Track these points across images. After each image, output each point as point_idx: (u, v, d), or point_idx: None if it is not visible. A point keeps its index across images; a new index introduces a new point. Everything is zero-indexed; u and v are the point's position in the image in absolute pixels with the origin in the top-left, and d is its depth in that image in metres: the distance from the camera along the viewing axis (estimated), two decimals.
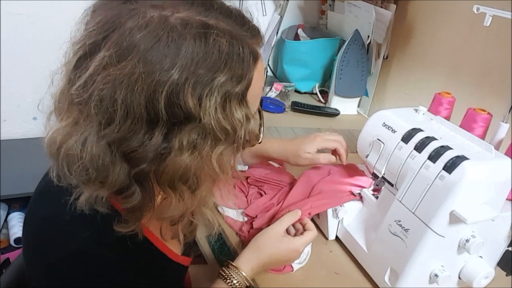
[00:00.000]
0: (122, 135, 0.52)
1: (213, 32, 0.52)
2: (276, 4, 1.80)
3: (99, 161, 0.53)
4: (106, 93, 0.50)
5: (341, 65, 1.62)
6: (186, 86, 0.51)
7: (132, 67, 0.50)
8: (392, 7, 1.51)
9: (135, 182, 0.56)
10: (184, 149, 0.54)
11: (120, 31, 0.51)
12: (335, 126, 1.55)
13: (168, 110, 0.51)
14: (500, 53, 1.18)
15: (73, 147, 0.54)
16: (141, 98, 0.50)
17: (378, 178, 0.87)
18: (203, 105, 0.52)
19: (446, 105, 0.98)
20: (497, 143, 0.91)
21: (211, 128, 0.54)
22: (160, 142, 0.53)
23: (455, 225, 0.71)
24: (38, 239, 0.63)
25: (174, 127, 0.53)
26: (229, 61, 0.53)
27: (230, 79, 0.53)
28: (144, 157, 0.54)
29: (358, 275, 0.88)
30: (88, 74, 0.51)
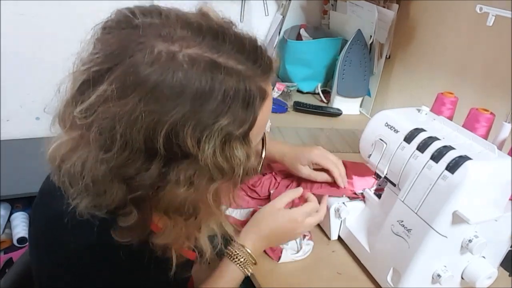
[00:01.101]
0: (120, 162, 0.52)
1: (220, 73, 0.51)
2: (279, 4, 1.80)
3: (99, 180, 0.54)
4: (106, 125, 0.50)
5: (344, 65, 1.62)
6: (186, 128, 0.50)
7: (133, 105, 0.49)
8: (395, 7, 1.50)
9: (132, 204, 0.57)
10: (181, 183, 0.54)
11: (125, 66, 0.50)
12: (338, 126, 1.55)
13: (167, 147, 0.51)
14: (503, 53, 1.17)
15: (74, 165, 0.54)
16: (140, 135, 0.50)
17: (380, 178, 0.87)
18: (202, 147, 0.52)
19: (448, 105, 0.98)
20: (500, 143, 0.91)
21: (208, 168, 0.53)
22: (156, 174, 0.53)
23: (458, 225, 0.71)
24: (47, 237, 0.63)
25: (171, 162, 0.53)
26: (233, 105, 0.52)
27: (233, 122, 0.53)
28: (141, 185, 0.54)
29: (360, 275, 0.88)
30: (90, 102, 0.51)
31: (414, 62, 1.53)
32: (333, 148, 1.38)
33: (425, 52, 1.48)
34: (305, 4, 1.90)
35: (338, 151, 1.36)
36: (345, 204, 0.94)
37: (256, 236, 0.81)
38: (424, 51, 1.48)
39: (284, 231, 0.83)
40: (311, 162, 0.98)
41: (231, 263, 0.78)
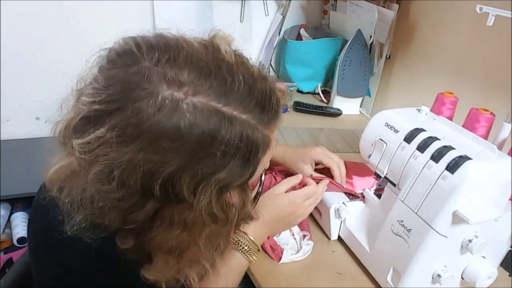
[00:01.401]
0: (116, 197, 0.52)
1: (224, 125, 0.50)
2: (279, 4, 1.80)
3: (97, 208, 0.54)
4: (103, 168, 0.50)
5: (344, 65, 1.62)
6: (183, 178, 0.50)
7: (132, 155, 0.48)
8: (395, 7, 1.50)
9: (129, 232, 0.57)
10: (174, 226, 0.55)
11: (128, 113, 0.48)
12: (338, 126, 1.55)
13: (163, 192, 0.51)
14: (503, 53, 1.17)
15: (73, 194, 0.55)
16: (137, 180, 0.50)
17: (380, 178, 0.87)
18: (197, 197, 0.52)
19: (448, 105, 0.98)
20: (500, 143, 0.91)
21: (202, 215, 0.54)
22: (151, 213, 0.54)
23: (458, 225, 0.71)
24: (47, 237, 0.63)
25: (166, 205, 0.54)
26: (233, 161, 0.52)
27: (231, 176, 0.52)
28: (135, 219, 0.54)
29: (360, 275, 0.88)
30: (88, 140, 0.50)
31: (414, 62, 1.53)
32: (333, 148, 1.38)
33: (425, 52, 1.48)
34: (305, 4, 1.90)
35: (338, 151, 1.36)
36: (345, 204, 0.94)
37: (258, 223, 0.79)
38: (424, 51, 1.48)
39: (284, 215, 0.84)
40: (314, 160, 0.99)
41: (235, 251, 0.78)
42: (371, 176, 0.99)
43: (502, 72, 1.18)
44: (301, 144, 1.37)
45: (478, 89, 1.27)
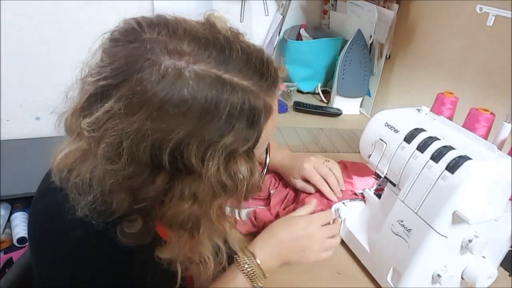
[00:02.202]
0: (126, 175, 0.53)
1: (226, 90, 0.51)
2: (279, 4, 1.80)
3: (106, 190, 0.54)
4: (113, 141, 0.51)
5: (344, 65, 1.62)
6: (191, 146, 0.51)
7: (140, 124, 0.50)
8: (395, 7, 1.51)
9: (137, 213, 0.57)
10: (185, 198, 0.55)
11: (132, 83, 0.50)
12: (338, 126, 1.55)
13: (172, 163, 0.52)
14: (503, 53, 1.17)
15: (83, 176, 0.55)
16: (146, 151, 0.51)
17: (380, 178, 0.87)
18: (206, 165, 0.53)
19: (448, 105, 0.98)
20: (500, 143, 0.91)
21: (212, 185, 0.54)
22: (161, 188, 0.55)
23: (458, 225, 0.71)
24: (47, 225, 0.63)
25: (176, 177, 0.54)
26: (238, 124, 0.53)
27: (237, 140, 0.53)
28: (145, 197, 0.55)
29: (360, 275, 0.88)
30: (97, 116, 0.51)
31: (414, 62, 1.53)
32: (333, 148, 1.38)
33: (425, 52, 1.48)
34: (305, 4, 1.90)
35: (338, 151, 1.36)
36: (345, 204, 0.94)
37: (268, 246, 0.78)
38: (424, 51, 1.48)
39: (299, 241, 0.81)
40: (302, 176, 0.97)
41: (239, 272, 0.76)
42: (371, 176, 0.99)
43: (502, 72, 1.18)
44: (301, 144, 1.37)
45: (478, 89, 1.27)
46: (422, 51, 1.49)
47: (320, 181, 0.95)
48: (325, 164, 0.97)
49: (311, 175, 0.95)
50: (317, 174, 0.95)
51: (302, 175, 0.96)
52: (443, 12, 1.38)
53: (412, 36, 1.52)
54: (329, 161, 0.98)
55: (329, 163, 0.97)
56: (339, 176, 0.96)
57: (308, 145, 1.37)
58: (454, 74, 1.36)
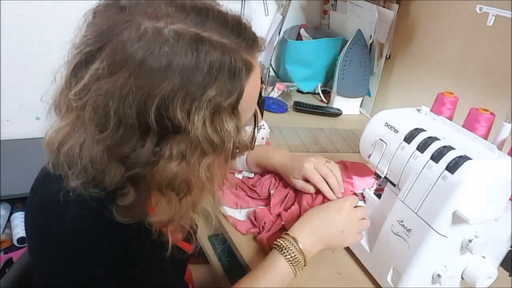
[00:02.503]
0: (115, 141, 0.54)
1: (205, 45, 0.53)
2: (279, 4, 1.80)
3: (97, 162, 0.56)
4: (99, 103, 0.52)
5: (344, 65, 1.62)
6: (175, 100, 0.52)
7: (124, 81, 0.51)
8: (395, 7, 1.51)
9: (130, 184, 0.58)
10: (173, 158, 0.56)
11: (114, 44, 0.52)
12: (337, 126, 1.55)
13: (158, 121, 0.53)
14: (503, 53, 1.17)
15: (72, 148, 0.56)
16: (132, 110, 0.52)
17: (380, 178, 0.87)
18: (192, 119, 0.53)
19: (448, 105, 0.98)
20: (500, 143, 0.91)
21: (199, 141, 0.55)
22: (151, 150, 0.55)
23: (458, 225, 0.71)
24: (43, 214, 0.63)
25: (164, 137, 0.55)
26: (220, 76, 0.54)
27: (220, 93, 0.54)
28: (136, 162, 0.56)
29: (360, 275, 0.88)
30: (83, 83, 0.53)
31: (414, 62, 1.53)
32: (333, 148, 1.38)
33: (425, 52, 1.48)
34: (305, 4, 1.90)
35: (338, 151, 1.36)
36: None
37: (306, 230, 0.79)
38: (424, 51, 1.48)
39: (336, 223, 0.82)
40: (302, 176, 0.97)
41: (281, 257, 0.76)
42: (371, 176, 0.99)
43: (502, 72, 1.18)
44: (301, 144, 1.37)
45: (478, 89, 1.27)
46: (422, 51, 1.49)
47: (320, 181, 0.95)
48: (325, 165, 0.97)
49: (311, 175, 0.95)
50: (317, 174, 0.95)
51: (302, 174, 0.96)
52: (443, 12, 1.38)
53: (412, 36, 1.52)
54: (329, 162, 0.98)
55: (329, 164, 0.97)
56: (339, 177, 0.96)
57: (308, 145, 1.37)
58: (454, 74, 1.36)
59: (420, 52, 1.50)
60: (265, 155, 1.05)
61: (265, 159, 1.04)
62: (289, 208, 0.97)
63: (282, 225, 0.93)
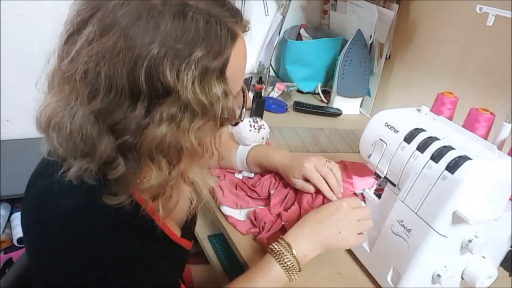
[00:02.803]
0: (106, 107, 0.55)
1: (191, 10, 0.55)
2: (279, 4, 1.80)
3: (87, 133, 0.56)
4: (91, 66, 0.54)
5: (344, 65, 1.62)
6: (165, 61, 0.54)
7: (114, 42, 0.53)
8: (395, 7, 1.51)
9: (120, 154, 0.59)
10: (163, 121, 0.56)
11: (104, 9, 0.54)
12: (337, 126, 1.55)
13: (149, 83, 0.54)
14: (503, 53, 1.17)
15: (62, 120, 0.57)
16: (123, 72, 0.53)
17: (380, 178, 0.86)
18: (181, 79, 0.55)
19: (448, 105, 0.98)
20: (500, 143, 0.91)
21: (189, 102, 0.56)
22: (142, 114, 0.56)
23: (457, 225, 0.71)
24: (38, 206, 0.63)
25: (155, 100, 0.56)
26: (206, 37, 0.56)
27: (207, 54, 0.56)
28: (127, 129, 0.56)
29: (360, 275, 0.88)
30: (76, 49, 0.55)
31: (414, 62, 1.53)
32: (333, 148, 1.38)
33: (425, 52, 1.48)
34: (305, 4, 1.90)
35: (338, 151, 1.36)
36: None
37: (304, 238, 0.78)
38: (424, 51, 1.48)
39: (331, 224, 0.80)
40: (302, 175, 0.97)
41: (275, 263, 0.75)
42: (371, 176, 0.99)
43: (502, 72, 1.18)
44: (301, 144, 1.37)
45: (478, 89, 1.27)
46: (422, 51, 1.49)
47: (320, 181, 0.95)
48: (326, 164, 0.97)
49: (312, 174, 0.95)
50: (317, 174, 0.95)
51: (302, 174, 0.96)
52: (443, 12, 1.38)
53: (412, 36, 1.52)
54: (330, 162, 0.98)
55: (330, 164, 0.97)
56: (339, 177, 0.96)
57: (308, 145, 1.37)
58: (454, 74, 1.36)
59: (420, 52, 1.50)
60: (265, 155, 1.05)
61: (265, 159, 1.04)
62: (289, 208, 0.97)
63: (282, 225, 0.93)
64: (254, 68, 1.89)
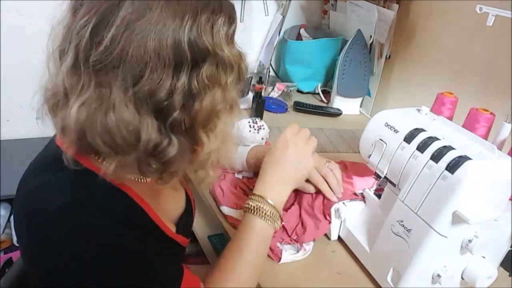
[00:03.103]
0: (151, 88, 0.56)
1: None
2: (279, 4, 1.80)
3: (132, 124, 0.56)
4: (137, 45, 0.54)
5: (344, 65, 1.62)
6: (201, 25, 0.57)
7: (157, 18, 0.54)
8: (395, 7, 1.51)
9: (172, 133, 0.60)
10: (210, 84, 0.60)
11: None
12: (338, 126, 1.55)
13: (191, 49, 0.56)
14: (503, 53, 1.17)
15: (107, 119, 0.55)
16: (168, 44, 0.55)
17: (380, 178, 0.87)
18: (215, 40, 0.59)
19: (448, 105, 0.98)
20: (500, 143, 0.91)
21: (224, 60, 0.60)
22: (186, 84, 0.58)
23: (457, 225, 0.71)
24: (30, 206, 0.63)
25: (195, 66, 0.58)
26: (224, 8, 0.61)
27: (228, 21, 0.61)
28: (173, 106, 0.58)
29: (360, 275, 0.88)
30: (111, 35, 0.54)
31: (414, 62, 1.53)
32: (333, 148, 1.38)
33: (425, 52, 1.48)
34: (305, 4, 1.90)
35: (338, 151, 1.36)
36: (345, 204, 0.94)
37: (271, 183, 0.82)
38: (424, 51, 1.48)
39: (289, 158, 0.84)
40: None
41: (256, 218, 0.79)
42: (371, 176, 0.99)
43: (502, 72, 1.18)
44: None
45: (478, 89, 1.27)
46: (422, 51, 1.49)
47: (321, 181, 0.95)
48: (326, 164, 0.97)
49: (312, 174, 0.95)
50: (318, 174, 0.95)
51: None
52: (443, 12, 1.38)
53: (412, 36, 1.52)
54: (330, 162, 0.98)
55: (330, 164, 0.97)
56: (339, 177, 0.96)
57: None
58: (454, 74, 1.36)
59: (420, 52, 1.50)
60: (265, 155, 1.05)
61: None
62: (289, 208, 0.97)
63: (282, 225, 0.93)
64: (254, 68, 1.89)
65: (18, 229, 0.67)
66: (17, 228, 0.67)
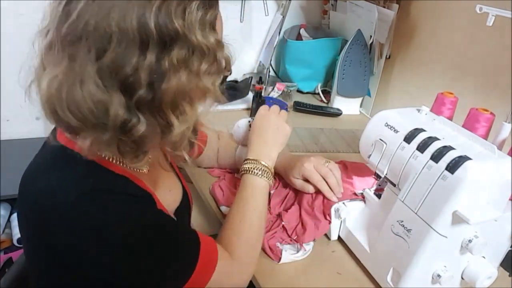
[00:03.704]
0: (116, 61, 0.55)
1: None
2: (279, 4, 1.80)
3: (99, 98, 0.56)
4: (101, 18, 0.54)
5: (344, 65, 1.62)
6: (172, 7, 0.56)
7: None
8: (395, 7, 1.51)
9: (138, 111, 0.59)
10: (178, 67, 0.58)
11: None
12: (338, 126, 1.55)
13: (158, 29, 0.55)
14: (503, 52, 1.17)
15: (74, 92, 0.56)
16: (133, 20, 0.54)
17: (380, 178, 0.87)
18: (187, 23, 0.58)
19: (448, 105, 0.98)
20: (500, 143, 0.91)
21: (196, 45, 0.59)
22: (153, 63, 0.56)
23: (457, 225, 0.71)
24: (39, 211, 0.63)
25: (164, 47, 0.57)
26: None
27: (203, 6, 0.60)
28: (139, 82, 0.56)
29: (360, 276, 0.88)
30: (80, 7, 0.55)
31: (414, 62, 1.53)
32: (333, 148, 1.38)
33: (425, 52, 1.48)
34: (305, 4, 1.90)
35: (338, 151, 1.36)
36: (345, 204, 0.94)
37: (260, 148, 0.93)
38: (424, 51, 1.48)
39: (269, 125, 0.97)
40: (302, 176, 0.98)
41: (254, 177, 0.87)
42: (371, 176, 0.99)
43: (502, 72, 1.18)
44: (301, 144, 1.37)
45: (478, 89, 1.27)
46: (422, 51, 1.49)
47: (320, 181, 0.95)
48: (325, 164, 0.97)
49: (311, 174, 0.95)
50: (317, 174, 0.95)
51: (302, 174, 0.97)
52: (443, 12, 1.38)
53: (412, 36, 1.52)
54: (330, 162, 0.98)
55: (329, 164, 0.97)
56: (338, 177, 0.96)
57: (308, 145, 1.37)
58: (454, 74, 1.36)
59: (420, 52, 1.50)
60: None
61: None
62: (289, 208, 0.97)
63: (282, 225, 0.93)
64: (254, 68, 1.89)
65: (25, 231, 0.67)
66: (25, 229, 0.67)
